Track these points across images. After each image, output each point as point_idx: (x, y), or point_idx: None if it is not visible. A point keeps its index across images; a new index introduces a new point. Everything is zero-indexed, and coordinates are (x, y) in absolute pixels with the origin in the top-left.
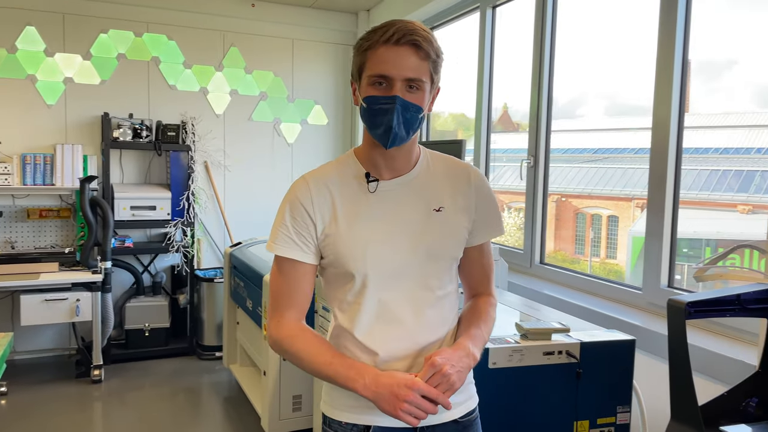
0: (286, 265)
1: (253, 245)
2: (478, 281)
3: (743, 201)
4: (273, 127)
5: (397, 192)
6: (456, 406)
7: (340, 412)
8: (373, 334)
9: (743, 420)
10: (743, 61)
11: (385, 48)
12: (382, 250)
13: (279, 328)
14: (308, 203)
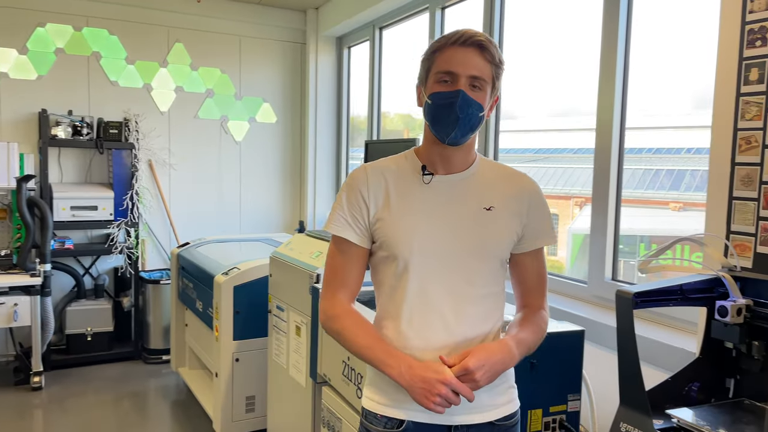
0: (340, 245)
1: (202, 245)
2: (529, 290)
3: (675, 199)
4: (220, 124)
5: (450, 187)
6: (494, 408)
7: (377, 405)
8: (412, 321)
9: (686, 404)
10: (677, 63)
11: (453, 49)
12: (429, 239)
13: (329, 306)
14: (364, 188)
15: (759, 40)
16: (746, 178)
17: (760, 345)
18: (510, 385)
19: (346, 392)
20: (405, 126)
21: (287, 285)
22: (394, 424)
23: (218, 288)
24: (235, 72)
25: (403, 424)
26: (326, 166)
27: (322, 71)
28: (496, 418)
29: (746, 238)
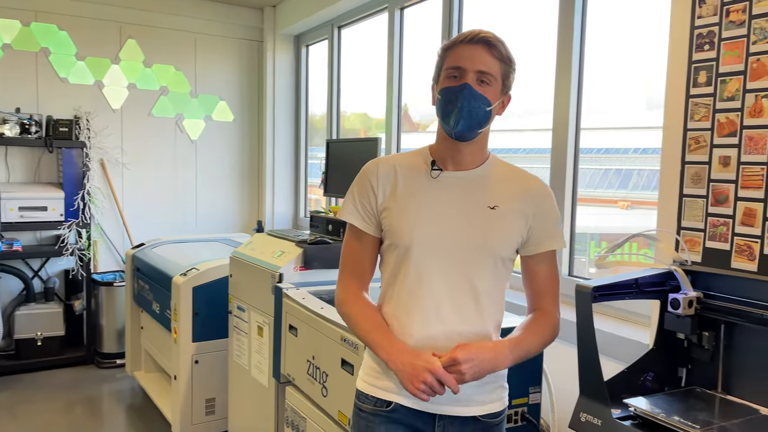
0: (351, 231)
1: (158, 246)
2: (538, 294)
3: (623, 197)
4: (175, 123)
5: (457, 183)
6: (480, 405)
7: (370, 387)
8: (409, 309)
9: (642, 393)
10: (626, 66)
11: (462, 46)
12: (430, 231)
13: (340, 291)
14: (374, 178)
15: (707, 45)
16: (695, 176)
17: (710, 335)
18: (500, 385)
19: (311, 391)
20: (362, 125)
21: (248, 285)
22: (383, 404)
23: (176, 289)
24: (191, 69)
25: (392, 405)
26: (285, 165)
27: (280, 70)
28: (481, 414)
29: (696, 233)
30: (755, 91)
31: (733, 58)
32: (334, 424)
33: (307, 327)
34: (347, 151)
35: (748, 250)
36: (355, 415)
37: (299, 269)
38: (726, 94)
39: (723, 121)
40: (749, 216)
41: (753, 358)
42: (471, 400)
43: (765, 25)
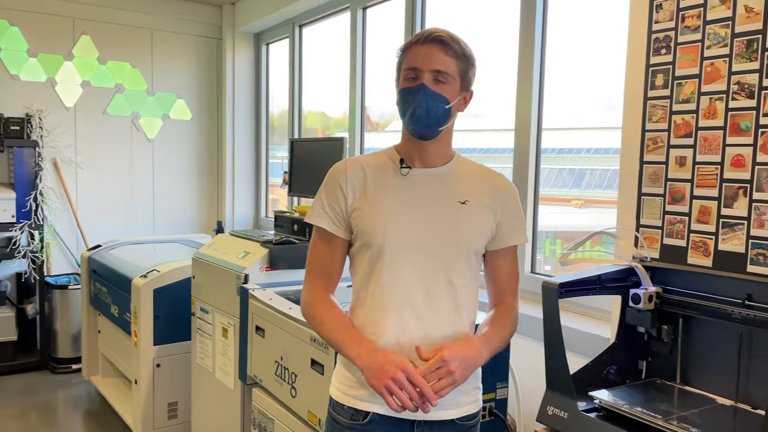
0: (319, 235)
1: (116, 248)
2: (501, 288)
3: (576, 196)
4: (131, 121)
5: (426, 181)
6: (457, 407)
7: (345, 396)
8: (384, 308)
9: (605, 386)
10: (583, 68)
11: (417, 47)
12: (402, 229)
13: (308, 293)
14: (342, 179)
15: (664, 49)
16: (653, 175)
17: (668, 329)
18: (476, 386)
19: (280, 392)
20: (320, 125)
21: (212, 286)
22: (360, 416)
23: (137, 291)
24: (147, 67)
25: (368, 416)
26: (245, 164)
27: (240, 68)
28: (458, 417)
29: (654, 231)
30: (709, 94)
31: (689, 62)
32: (304, 424)
33: (275, 328)
34: (312, 151)
35: (704, 246)
36: (329, 424)
37: (265, 270)
38: (682, 96)
39: (679, 122)
40: (704, 214)
41: (709, 350)
42: (448, 403)
43: (719, 31)
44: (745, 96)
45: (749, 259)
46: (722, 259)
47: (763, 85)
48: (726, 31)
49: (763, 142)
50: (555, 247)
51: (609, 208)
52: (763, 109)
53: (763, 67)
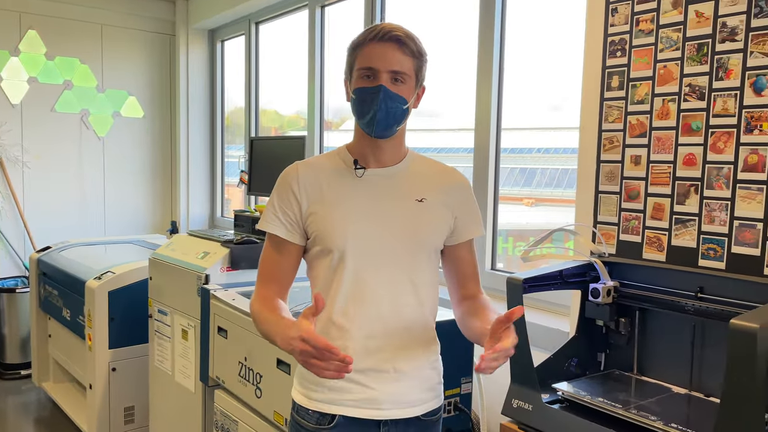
0: (272, 242)
1: (67, 249)
2: (466, 280)
3: (527, 195)
4: (80, 119)
5: (382, 180)
6: (422, 403)
7: (309, 401)
8: (348, 312)
9: (567, 378)
10: (535, 70)
11: (372, 44)
12: (362, 230)
13: (257, 302)
14: (295, 185)
15: (619, 51)
16: (610, 174)
17: (626, 321)
18: (439, 381)
19: (244, 393)
20: (273, 123)
21: (171, 287)
22: (326, 419)
23: (90, 294)
24: (97, 63)
25: (335, 419)
26: (200, 163)
27: (194, 65)
28: (423, 413)
29: (611, 227)
30: (662, 96)
31: (643, 65)
32: (269, 425)
33: (238, 328)
34: (272, 150)
35: (658, 241)
36: (293, 429)
37: (226, 270)
38: (636, 97)
39: (634, 122)
40: (658, 210)
41: (664, 341)
42: (413, 401)
43: (671, 35)
44: (696, 97)
45: (700, 254)
46: (675, 254)
47: (713, 87)
48: (678, 35)
49: (713, 142)
50: (508, 245)
51: (559, 207)
52: (713, 111)
53: (712, 69)
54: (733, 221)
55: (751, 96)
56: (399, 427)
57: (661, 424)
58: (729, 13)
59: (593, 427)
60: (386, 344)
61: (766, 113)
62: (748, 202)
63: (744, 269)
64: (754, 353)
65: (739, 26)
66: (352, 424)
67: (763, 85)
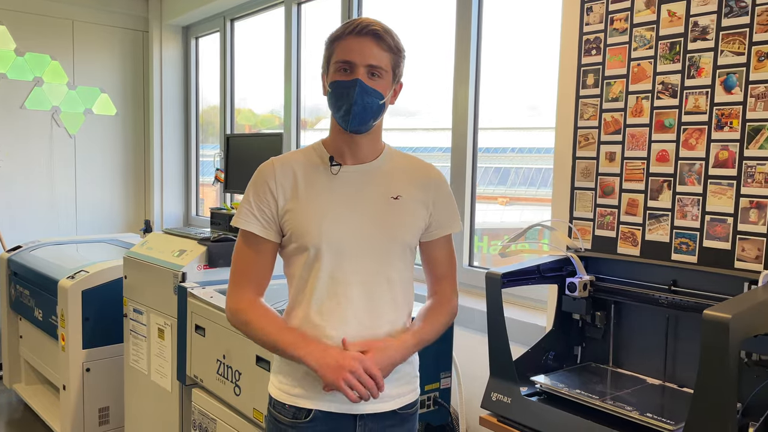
0: (247, 239)
1: (38, 248)
2: (439, 277)
3: (502, 194)
4: (51, 116)
5: (358, 177)
6: (398, 397)
7: (286, 395)
8: (322, 310)
9: (544, 371)
10: (512, 70)
11: (350, 38)
12: (338, 228)
13: (234, 301)
14: (271, 181)
15: (594, 50)
16: (585, 170)
17: (601, 315)
18: (414, 375)
19: (223, 392)
20: (246, 122)
21: (146, 286)
22: (303, 414)
23: (63, 293)
24: (68, 59)
25: (311, 414)
26: (174, 161)
27: (168, 62)
28: (399, 407)
29: (586, 222)
30: (636, 93)
31: (617, 63)
32: (248, 422)
33: (217, 326)
34: (248, 147)
35: (632, 236)
36: (270, 423)
37: (203, 268)
38: (611, 95)
39: (609, 120)
40: (632, 206)
41: (638, 334)
42: (390, 395)
43: (644, 33)
44: (669, 95)
45: (673, 248)
46: (649, 249)
47: (685, 85)
48: (651, 34)
49: (685, 139)
50: (483, 244)
51: (533, 206)
52: (685, 108)
53: (684, 68)
54: (705, 216)
55: (722, 94)
56: (375, 421)
57: (636, 414)
58: (700, 13)
59: (571, 419)
60: (361, 341)
61: (735, 110)
62: (719, 197)
63: (715, 262)
64: (726, 343)
65: (710, 26)
66: (328, 419)
67: (733, 83)
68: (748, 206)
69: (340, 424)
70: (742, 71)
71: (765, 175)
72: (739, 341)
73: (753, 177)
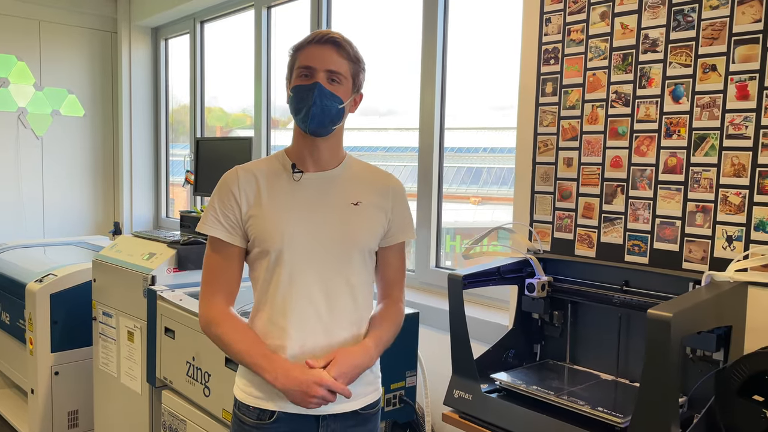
0: (214, 246)
1: (4, 251)
2: (390, 282)
3: (474, 194)
4: (17, 117)
5: (319, 184)
6: (358, 398)
7: (250, 398)
8: (285, 312)
9: (504, 368)
10: (478, 72)
11: (312, 46)
12: (299, 233)
13: (207, 310)
14: (235, 188)
15: (552, 59)
16: (544, 175)
17: (559, 314)
18: (376, 375)
19: (192, 393)
20: (218, 122)
21: (116, 289)
22: (266, 415)
23: (31, 297)
24: (35, 60)
25: (275, 415)
26: (144, 163)
27: (137, 63)
28: (360, 407)
29: (545, 225)
30: (592, 102)
31: (574, 72)
32: (218, 423)
33: (186, 329)
34: (218, 150)
35: (588, 239)
36: (235, 424)
37: (173, 271)
38: (568, 103)
39: (566, 126)
40: (588, 209)
41: (593, 332)
42: (352, 395)
43: (599, 45)
44: (622, 104)
45: (626, 250)
46: (604, 250)
47: (637, 94)
48: (605, 45)
49: (637, 146)
50: (455, 243)
51: (505, 205)
52: (637, 116)
53: (636, 78)
54: (655, 219)
55: (670, 103)
56: (338, 421)
57: (588, 408)
58: (651, 26)
59: (528, 414)
60: (324, 343)
61: (683, 119)
62: (668, 201)
63: (665, 263)
64: (668, 339)
65: (660, 38)
66: (291, 420)
67: (680, 93)
68: (694, 210)
69: (303, 425)
70: (689, 82)
71: (710, 180)
72: (680, 338)
73: (699, 182)
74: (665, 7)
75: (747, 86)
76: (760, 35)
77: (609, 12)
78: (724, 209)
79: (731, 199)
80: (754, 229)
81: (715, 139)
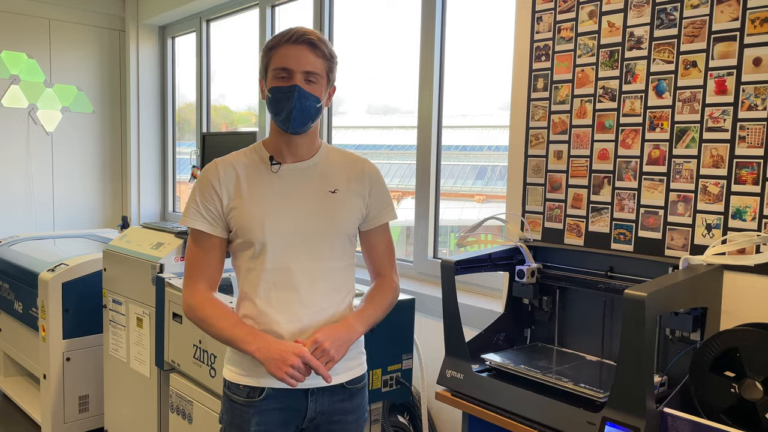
0: (196, 237)
1: (17, 243)
2: (380, 263)
3: (479, 191)
4: (28, 114)
5: (297, 174)
6: (344, 371)
7: (238, 376)
8: (270, 299)
9: (495, 350)
10: (482, 71)
11: (287, 46)
12: (280, 222)
13: (191, 296)
14: (215, 181)
15: (543, 56)
16: (536, 167)
17: (548, 299)
18: (360, 351)
19: (199, 374)
20: (223, 119)
21: (125, 278)
22: (256, 392)
23: (44, 286)
24: (45, 57)
25: (264, 392)
26: (151, 159)
27: (144, 61)
28: (346, 380)
29: (537, 216)
30: (581, 97)
31: (564, 68)
32: None
33: None
34: (224, 145)
35: (577, 228)
36: (226, 404)
37: (180, 259)
38: (558, 98)
39: (556, 121)
40: (577, 200)
41: (580, 316)
42: (338, 369)
43: (588, 42)
44: (609, 99)
45: (613, 238)
46: (592, 239)
47: (623, 89)
48: (593, 43)
49: (623, 138)
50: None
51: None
52: (623, 110)
53: (622, 74)
54: (640, 209)
55: (654, 98)
56: (325, 394)
57: (571, 384)
58: (635, 24)
59: (516, 391)
60: (309, 326)
61: (665, 113)
62: (652, 191)
63: (648, 250)
64: (643, 317)
65: (644, 36)
66: (281, 395)
67: (663, 89)
68: (676, 200)
69: (293, 399)
70: (671, 78)
71: (690, 171)
72: (655, 316)
73: (680, 173)
74: (649, 6)
75: (725, 81)
76: (737, 33)
77: (597, 11)
78: (703, 198)
79: (710, 188)
80: (731, 217)
81: (696, 131)
